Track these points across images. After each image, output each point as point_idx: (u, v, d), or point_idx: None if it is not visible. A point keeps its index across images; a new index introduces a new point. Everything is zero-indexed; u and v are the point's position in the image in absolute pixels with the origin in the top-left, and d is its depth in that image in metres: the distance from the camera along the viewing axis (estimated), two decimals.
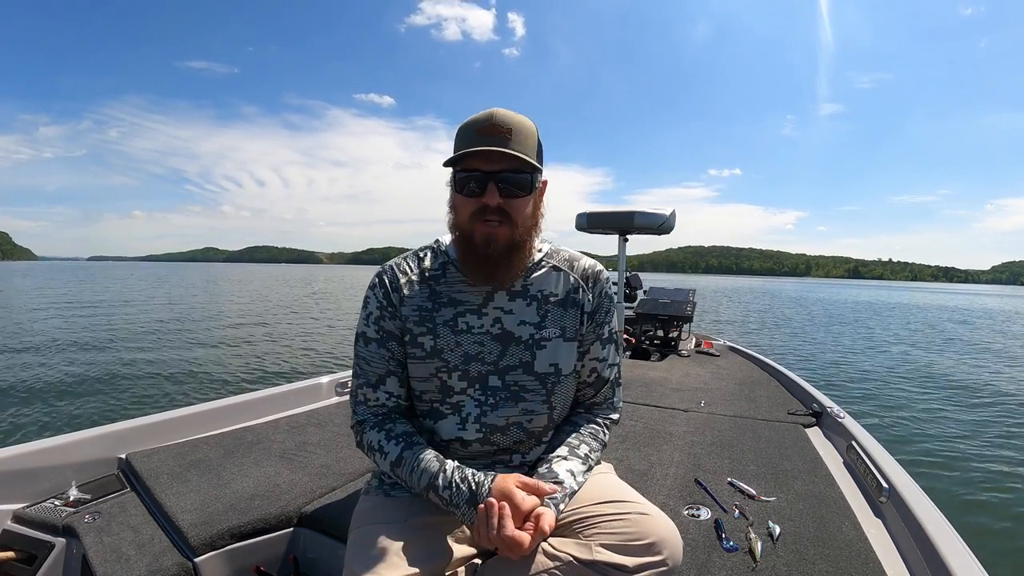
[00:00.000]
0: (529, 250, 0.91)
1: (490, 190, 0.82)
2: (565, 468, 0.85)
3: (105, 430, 1.58)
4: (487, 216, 0.83)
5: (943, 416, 5.13)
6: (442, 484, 0.80)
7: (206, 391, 5.50)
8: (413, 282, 0.92)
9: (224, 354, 7.80)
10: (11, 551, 1.20)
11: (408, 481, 0.84)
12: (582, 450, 0.90)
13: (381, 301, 0.91)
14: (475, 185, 0.83)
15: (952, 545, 1.06)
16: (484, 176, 0.82)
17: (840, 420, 1.98)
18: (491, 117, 0.82)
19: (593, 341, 0.96)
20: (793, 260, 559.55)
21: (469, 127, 0.84)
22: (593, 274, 0.97)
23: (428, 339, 0.89)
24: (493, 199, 0.82)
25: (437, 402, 0.91)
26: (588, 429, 0.95)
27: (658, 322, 4.13)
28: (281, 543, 1.24)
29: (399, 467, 0.84)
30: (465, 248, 0.87)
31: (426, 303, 0.90)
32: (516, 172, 0.83)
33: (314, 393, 2.28)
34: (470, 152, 0.81)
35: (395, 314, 0.91)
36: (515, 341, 0.90)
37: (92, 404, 4.89)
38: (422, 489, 0.82)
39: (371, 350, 0.91)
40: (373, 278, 0.94)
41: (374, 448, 0.88)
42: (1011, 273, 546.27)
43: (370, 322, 0.92)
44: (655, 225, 2.82)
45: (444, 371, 0.89)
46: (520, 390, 0.90)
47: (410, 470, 0.83)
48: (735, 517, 1.30)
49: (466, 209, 0.85)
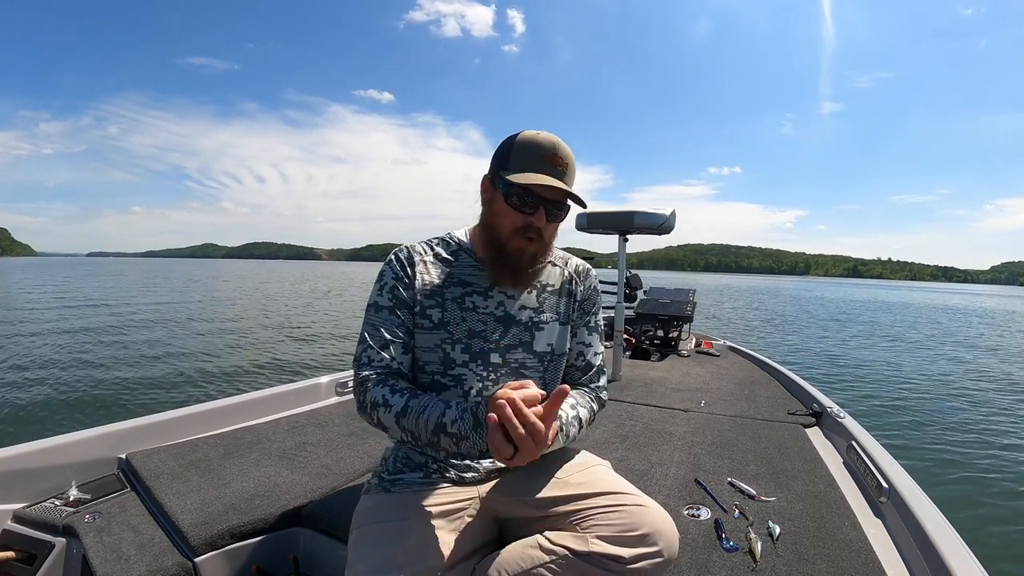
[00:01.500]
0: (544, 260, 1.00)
1: (539, 214, 0.90)
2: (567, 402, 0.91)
3: (105, 430, 1.58)
4: (529, 233, 0.91)
5: (943, 416, 5.14)
6: (449, 420, 0.81)
7: (206, 391, 5.50)
8: (427, 262, 0.98)
9: (224, 354, 7.80)
10: (11, 551, 1.20)
11: (415, 430, 0.83)
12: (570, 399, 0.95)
13: (397, 272, 0.96)
14: (528, 206, 0.90)
15: (952, 545, 1.06)
16: (538, 200, 0.89)
17: (840, 420, 1.99)
18: (555, 147, 0.89)
19: (581, 327, 1.06)
20: (792, 259, 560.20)
21: (533, 150, 0.89)
22: (584, 270, 1.09)
23: (436, 311, 0.94)
24: (540, 222, 0.91)
25: (439, 374, 0.93)
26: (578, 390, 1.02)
27: (658, 322, 4.13)
28: (281, 543, 1.24)
29: (405, 417, 0.84)
30: (496, 253, 0.94)
31: (437, 280, 0.96)
32: (562, 203, 0.92)
33: (314, 393, 2.29)
34: (536, 176, 0.88)
35: (409, 284, 0.95)
36: (516, 323, 0.97)
37: (92, 404, 4.89)
38: (430, 434, 0.82)
39: (382, 316, 0.94)
40: (389, 256, 1.00)
41: (378, 403, 0.87)
42: (1010, 273, 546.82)
43: (384, 291, 0.95)
44: (655, 225, 2.82)
45: (448, 343, 0.93)
46: (520, 367, 0.96)
47: (416, 416, 0.83)
48: (735, 517, 1.30)
49: (511, 221, 0.91)
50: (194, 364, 6.89)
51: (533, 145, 0.90)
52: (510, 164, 0.90)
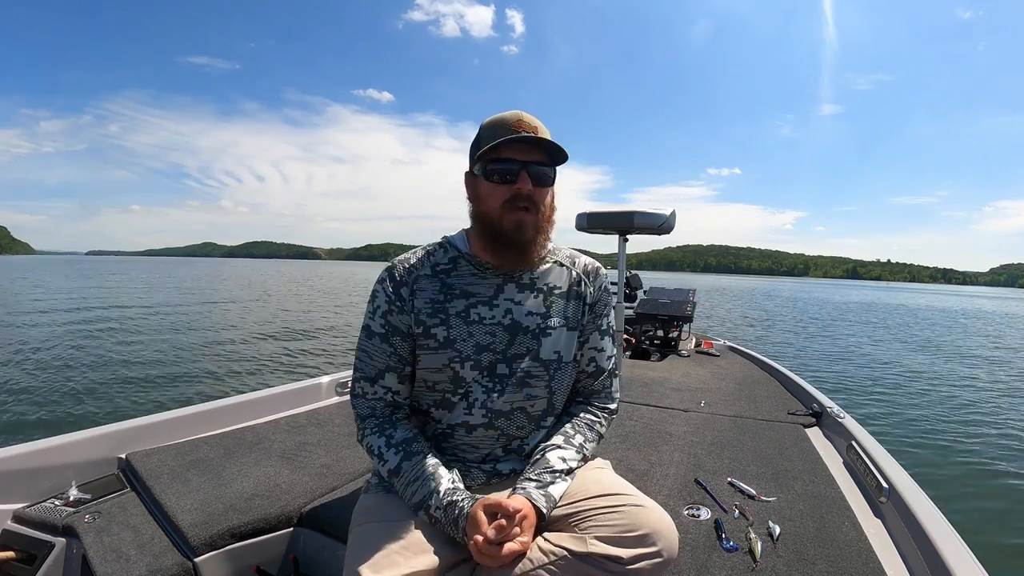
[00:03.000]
0: (547, 238, 0.96)
1: (523, 177, 0.88)
2: (558, 456, 0.89)
3: (105, 430, 1.58)
4: (520, 203, 0.88)
5: (943, 416, 5.14)
6: (432, 505, 0.82)
7: (206, 391, 5.49)
8: (424, 276, 0.94)
9: (224, 354, 7.79)
10: (11, 551, 1.20)
11: (402, 493, 0.87)
12: (576, 440, 0.94)
13: (390, 295, 0.93)
14: (509, 174, 0.88)
15: (952, 545, 1.06)
16: (519, 165, 0.88)
17: (840, 420, 1.99)
18: (519, 116, 0.89)
19: (592, 331, 1.01)
20: (792, 260, 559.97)
21: (499, 124, 0.89)
22: (593, 269, 1.04)
23: (441, 330, 0.91)
24: (526, 186, 0.88)
25: (449, 392, 0.93)
26: (584, 420, 0.99)
27: (658, 322, 4.13)
28: (281, 543, 1.24)
29: (396, 476, 0.87)
30: (493, 236, 0.91)
31: (438, 296, 0.93)
32: (544, 164, 0.90)
33: (314, 393, 2.28)
34: (507, 142, 0.86)
35: (403, 308, 0.93)
36: (523, 330, 0.94)
37: (92, 404, 4.88)
38: (412, 505, 0.84)
39: (373, 344, 0.93)
40: (382, 272, 0.97)
41: (374, 453, 0.91)
42: (1009, 275, 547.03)
43: (376, 316, 0.94)
44: (655, 225, 2.82)
45: (457, 361, 0.91)
46: (526, 376, 0.93)
47: (406, 484, 0.86)
48: (735, 517, 1.30)
49: (497, 197, 0.89)
50: (194, 364, 6.88)
51: (497, 121, 0.90)
52: (481, 146, 0.90)
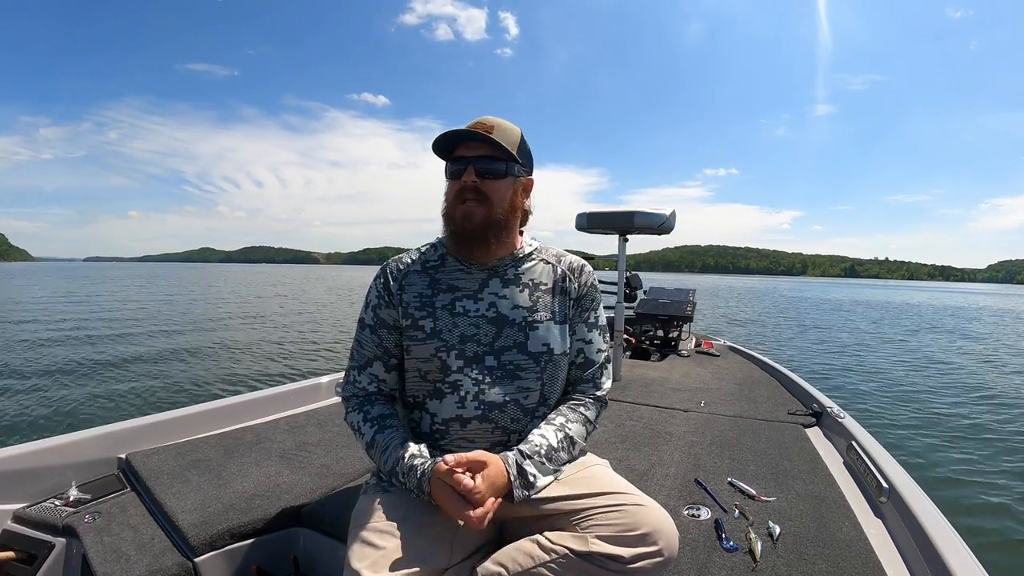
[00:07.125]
0: (512, 233, 1.01)
1: (468, 171, 0.94)
2: (537, 432, 0.93)
3: (105, 430, 1.58)
4: (466, 196, 0.94)
5: (943, 416, 5.14)
6: (400, 471, 0.87)
7: (206, 391, 5.49)
8: (415, 272, 1.01)
9: (224, 354, 7.79)
10: (11, 551, 1.20)
11: (378, 463, 0.93)
12: (557, 420, 0.96)
13: (380, 291, 1.01)
14: (457, 170, 0.95)
15: (952, 545, 1.06)
16: (465, 160, 0.95)
17: (840, 420, 1.99)
18: (479, 118, 0.96)
19: (579, 324, 1.05)
20: (790, 259, 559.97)
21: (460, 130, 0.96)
22: (578, 266, 1.07)
23: (428, 322, 0.96)
24: (470, 178, 0.94)
25: (438, 381, 0.95)
26: (568, 404, 1.02)
27: (658, 322, 4.13)
28: (281, 543, 1.24)
29: (372, 448, 0.93)
30: (452, 230, 0.98)
31: (426, 290, 0.99)
32: (492, 158, 0.95)
33: (314, 393, 2.29)
34: (458, 142, 0.96)
35: (391, 302, 0.99)
36: (509, 323, 0.97)
37: (92, 404, 4.88)
38: (387, 472, 0.90)
39: (365, 335, 1.01)
40: (378, 271, 1.04)
41: (354, 428, 0.97)
42: (1007, 272, 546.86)
43: (368, 309, 1.01)
44: (655, 225, 2.82)
45: (443, 350, 0.95)
46: (515, 368, 0.96)
47: (380, 452, 0.91)
48: (735, 517, 1.30)
49: (451, 191, 0.97)
50: (194, 364, 6.88)
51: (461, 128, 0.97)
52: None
